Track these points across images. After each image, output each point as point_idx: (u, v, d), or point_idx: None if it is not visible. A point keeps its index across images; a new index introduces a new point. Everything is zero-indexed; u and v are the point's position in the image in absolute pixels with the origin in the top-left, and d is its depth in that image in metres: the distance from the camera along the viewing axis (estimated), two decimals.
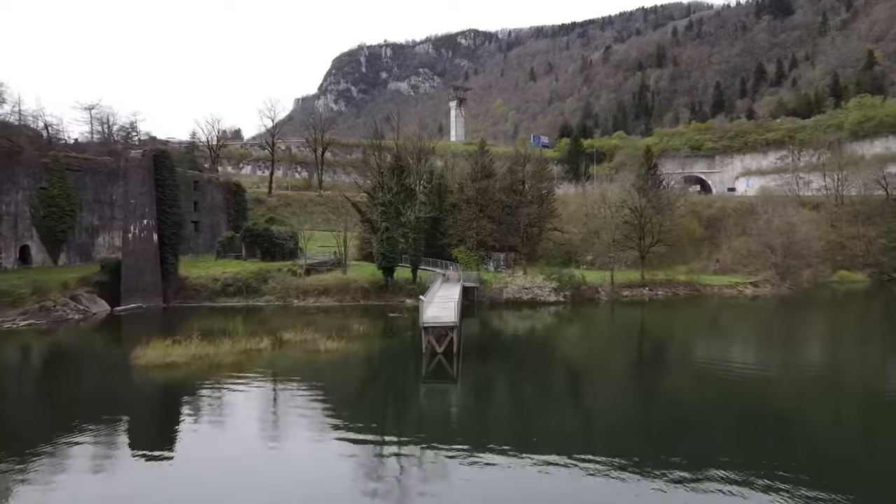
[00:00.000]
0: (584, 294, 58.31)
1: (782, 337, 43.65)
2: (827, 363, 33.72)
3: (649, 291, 63.35)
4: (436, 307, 36.08)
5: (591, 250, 79.87)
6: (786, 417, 21.53)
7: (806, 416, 22.25)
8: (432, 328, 32.69)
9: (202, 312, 54.06)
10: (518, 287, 54.97)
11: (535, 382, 27.89)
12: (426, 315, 33.09)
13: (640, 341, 41.47)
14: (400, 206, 59.26)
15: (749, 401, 23.71)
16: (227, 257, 68.57)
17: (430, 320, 32.61)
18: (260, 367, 30.22)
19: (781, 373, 29.71)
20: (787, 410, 22.58)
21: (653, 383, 27.91)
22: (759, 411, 22.35)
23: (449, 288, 50.65)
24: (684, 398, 24.96)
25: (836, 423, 22.00)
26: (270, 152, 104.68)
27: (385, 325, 45.90)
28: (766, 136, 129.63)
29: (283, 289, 57.33)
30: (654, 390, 26.53)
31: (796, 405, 23.47)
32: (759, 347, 38.90)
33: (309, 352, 33.70)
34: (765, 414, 22.07)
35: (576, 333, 44.74)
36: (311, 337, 36.31)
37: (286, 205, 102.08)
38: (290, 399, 24.93)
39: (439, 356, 31.90)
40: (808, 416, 22.34)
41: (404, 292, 57.35)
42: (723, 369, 30.35)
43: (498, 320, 50.84)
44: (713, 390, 25.89)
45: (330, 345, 34.03)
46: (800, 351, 37.26)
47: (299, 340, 35.82)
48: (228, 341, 33.74)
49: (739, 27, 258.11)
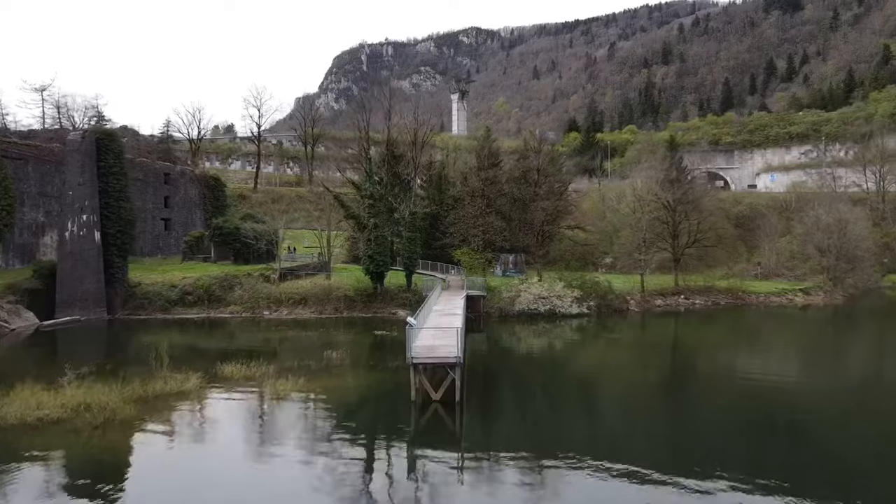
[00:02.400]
0: (612, 304, 47.84)
1: (859, 363, 33.51)
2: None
3: (685, 300, 52.87)
4: (431, 334, 25.65)
5: (610, 251, 69.52)
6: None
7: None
8: (426, 366, 22.36)
9: (153, 326, 43.88)
10: (533, 296, 44.54)
11: (573, 445, 17.40)
12: (417, 345, 22.78)
13: (703, 377, 30.97)
14: (392, 200, 48.89)
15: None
16: (194, 259, 58.31)
17: (423, 355, 22.22)
18: (162, 425, 19.91)
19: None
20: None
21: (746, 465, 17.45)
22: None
23: (450, 299, 40.24)
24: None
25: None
26: (256, 144, 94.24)
27: (368, 348, 35.51)
28: (789, 129, 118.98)
29: (251, 298, 46.97)
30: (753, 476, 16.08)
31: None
32: (846, 388, 28.40)
33: (248, 396, 23.41)
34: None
35: (613, 358, 34.19)
36: (261, 371, 25.96)
37: (273, 201, 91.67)
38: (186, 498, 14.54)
39: (435, 405, 21.63)
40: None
41: (396, 302, 46.97)
42: (806, 413, 20.00)
43: (510, 338, 40.46)
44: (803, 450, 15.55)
45: (281, 386, 23.64)
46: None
47: (242, 377, 25.48)
48: (137, 381, 23.42)
49: (747, 23, 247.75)
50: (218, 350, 35.57)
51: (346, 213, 47.48)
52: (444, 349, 22.70)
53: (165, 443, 18.63)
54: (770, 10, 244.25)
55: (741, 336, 42.51)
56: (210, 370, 26.58)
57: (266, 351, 33.52)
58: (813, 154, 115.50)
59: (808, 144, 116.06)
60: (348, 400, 23.63)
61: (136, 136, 78.69)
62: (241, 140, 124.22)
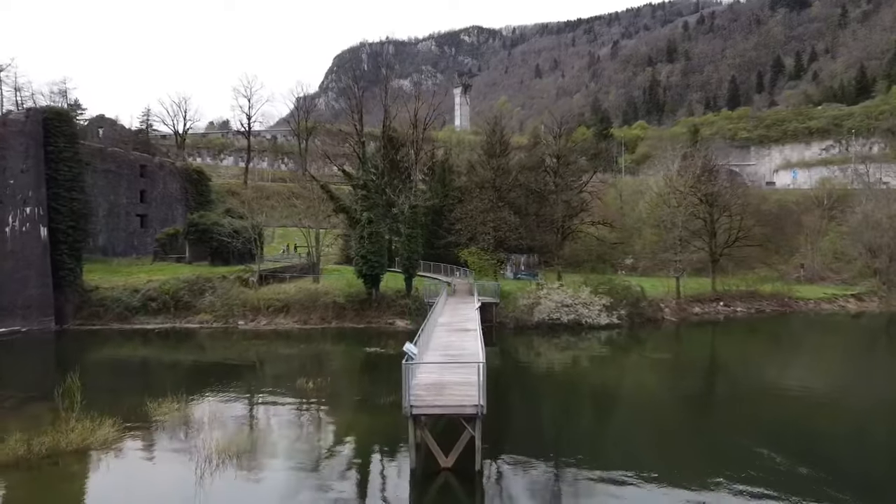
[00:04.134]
0: (644, 313, 40.43)
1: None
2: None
3: (725, 308, 45.49)
4: (436, 366, 18.24)
5: (630, 252, 62.21)
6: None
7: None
8: (431, 417, 15.04)
9: (110, 339, 36.65)
10: (555, 304, 37.09)
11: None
12: (419, 383, 15.51)
13: (785, 417, 23.53)
14: (389, 192, 41.61)
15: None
16: (166, 260, 50.94)
17: (428, 401, 14.84)
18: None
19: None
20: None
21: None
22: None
23: (457, 308, 32.92)
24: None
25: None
26: (246, 137, 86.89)
27: (357, 373, 28.13)
28: (808, 124, 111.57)
29: (224, 305, 39.60)
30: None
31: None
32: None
33: (168, 461, 16.06)
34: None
35: (672, 389, 26.73)
36: (206, 411, 18.69)
37: (265, 197, 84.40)
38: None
39: (445, 474, 14.35)
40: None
41: (394, 310, 39.57)
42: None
43: (530, 354, 33.13)
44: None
45: (222, 443, 16.25)
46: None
47: (176, 420, 18.20)
48: (34, 426, 16.21)
49: (753, 20, 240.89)
50: (171, 372, 28.30)
51: (335, 206, 40.05)
52: (457, 391, 15.33)
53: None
54: (776, 7, 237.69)
55: (801, 353, 35.05)
56: (140, 408, 19.31)
57: (228, 375, 26.22)
58: (835, 150, 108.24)
59: (830, 139, 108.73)
60: (316, 468, 16.06)
61: (114, 125, 71.36)
62: (235, 135, 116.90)
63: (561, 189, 42.21)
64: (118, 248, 58.74)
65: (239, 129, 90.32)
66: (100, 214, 57.27)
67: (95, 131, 69.80)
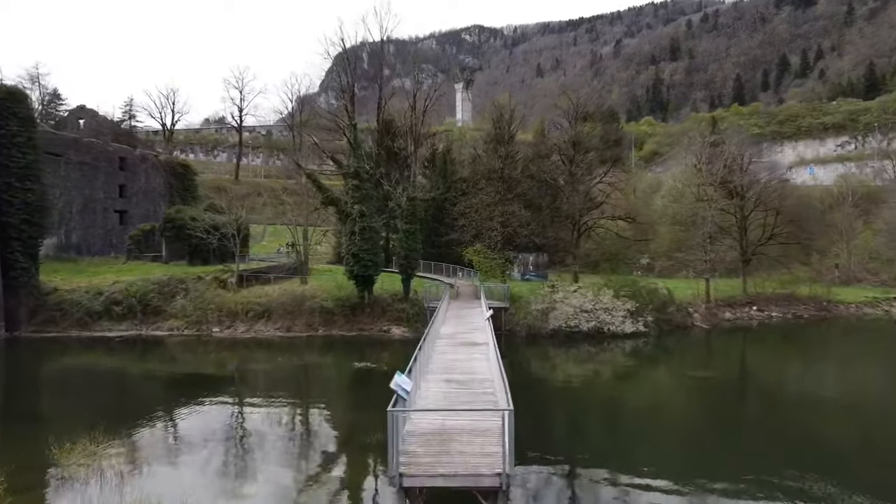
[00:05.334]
0: (672, 319, 35.37)
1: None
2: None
3: (758, 312, 40.45)
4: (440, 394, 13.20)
5: (646, 250, 57.18)
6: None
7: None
8: (430, 492, 10.04)
9: (69, 347, 31.90)
10: (574, 309, 32.05)
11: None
12: (411, 433, 10.55)
13: None
14: (385, 182, 36.66)
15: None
16: (141, 259, 46.00)
17: (423, 465, 9.87)
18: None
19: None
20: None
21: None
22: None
23: (462, 314, 27.99)
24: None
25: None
26: (237, 130, 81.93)
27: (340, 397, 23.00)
28: (823, 119, 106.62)
29: (197, 309, 34.59)
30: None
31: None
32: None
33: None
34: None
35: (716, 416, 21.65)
36: (121, 462, 13.71)
37: (257, 194, 79.67)
38: None
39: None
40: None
41: (389, 315, 34.53)
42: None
43: (544, 367, 28.24)
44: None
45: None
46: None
47: (75, 479, 13.19)
48: None
49: (758, 18, 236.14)
50: (118, 393, 23.32)
51: (323, 198, 35.03)
52: (470, 447, 10.32)
53: None
54: (781, 5, 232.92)
55: (860, 366, 30.05)
56: (42, 450, 14.33)
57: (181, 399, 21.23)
58: (850, 146, 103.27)
59: (846, 135, 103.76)
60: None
61: (95, 116, 66.49)
62: (229, 131, 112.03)
63: (577, 179, 37.05)
64: (94, 246, 53.84)
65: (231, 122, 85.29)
66: (73, 210, 52.48)
67: (76, 122, 64.96)
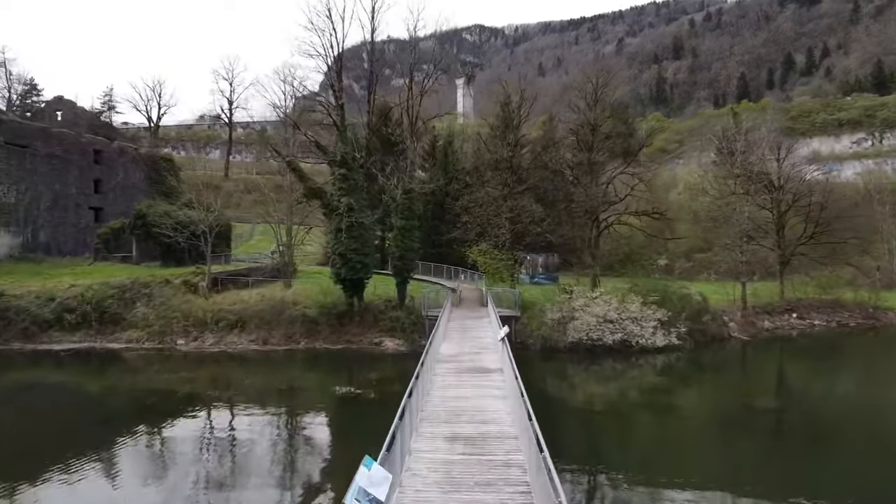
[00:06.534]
0: (707, 329, 30.42)
1: None
2: None
3: (798, 320, 35.52)
4: (439, 476, 8.31)
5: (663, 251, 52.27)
6: None
7: None
8: None
9: (14, 363, 27.01)
10: (597, 319, 27.14)
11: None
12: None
13: None
14: (378, 173, 31.82)
15: None
16: (110, 259, 41.17)
17: None
18: None
19: None
20: None
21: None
22: None
23: (468, 327, 23.12)
24: None
25: None
26: (227, 124, 77.11)
27: (311, 448, 17.85)
28: (838, 115, 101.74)
29: (159, 318, 29.71)
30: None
31: None
32: None
33: None
34: None
35: (801, 473, 16.69)
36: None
37: (247, 191, 74.93)
38: None
39: None
40: None
41: (382, 325, 29.56)
42: None
43: (561, 387, 23.45)
44: None
45: None
46: None
47: None
48: None
49: (762, 17, 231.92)
50: (28, 434, 18.41)
51: (305, 189, 30.09)
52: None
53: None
54: (786, 3, 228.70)
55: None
56: None
57: (91, 447, 16.33)
58: (867, 143, 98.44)
59: (862, 132, 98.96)
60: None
61: (73, 107, 61.72)
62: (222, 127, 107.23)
63: (597, 168, 31.99)
64: (65, 246, 49.01)
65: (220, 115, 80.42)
66: (41, 207, 47.73)
67: (53, 114, 60.21)
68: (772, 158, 36.16)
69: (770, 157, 36.01)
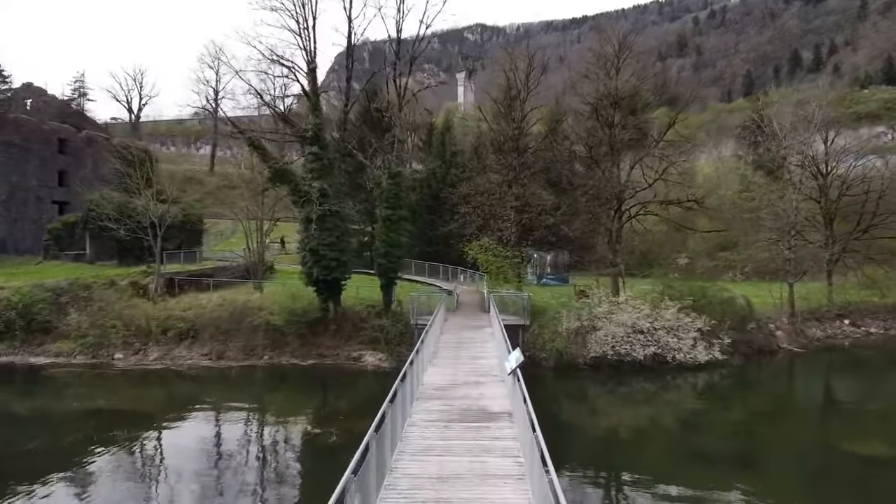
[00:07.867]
0: (753, 340, 25.04)
1: None
2: None
3: (852, 327, 30.14)
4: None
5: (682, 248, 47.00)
6: None
7: None
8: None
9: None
10: (624, 329, 21.85)
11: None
12: None
13: None
14: (360, 154, 26.54)
15: None
16: (61, 258, 35.94)
17: None
18: None
19: None
20: None
21: None
22: None
23: (464, 342, 17.81)
24: None
25: None
26: (213, 114, 71.85)
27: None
28: (856, 108, 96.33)
29: (95, 327, 24.45)
30: None
31: None
32: None
33: None
34: None
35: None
36: None
37: (231, 187, 69.40)
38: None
39: None
40: None
41: (362, 336, 24.16)
42: None
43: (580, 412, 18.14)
44: None
45: None
46: None
47: None
48: None
49: (767, 14, 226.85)
50: None
51: (270, 171, 24.83)
52: None
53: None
54: (791, 1, 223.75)
55: None
56: None
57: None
58: (887, 137, 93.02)
59: (881, 125, 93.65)
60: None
61: (43, 95, 56.74)
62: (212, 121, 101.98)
63: (620, 148, 26.49)
64: (23, 243, 43.83)
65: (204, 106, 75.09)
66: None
67: (22, 103, 55.24)
68: (818, 141, 30.90)
69: (817, 140, 30.76)
